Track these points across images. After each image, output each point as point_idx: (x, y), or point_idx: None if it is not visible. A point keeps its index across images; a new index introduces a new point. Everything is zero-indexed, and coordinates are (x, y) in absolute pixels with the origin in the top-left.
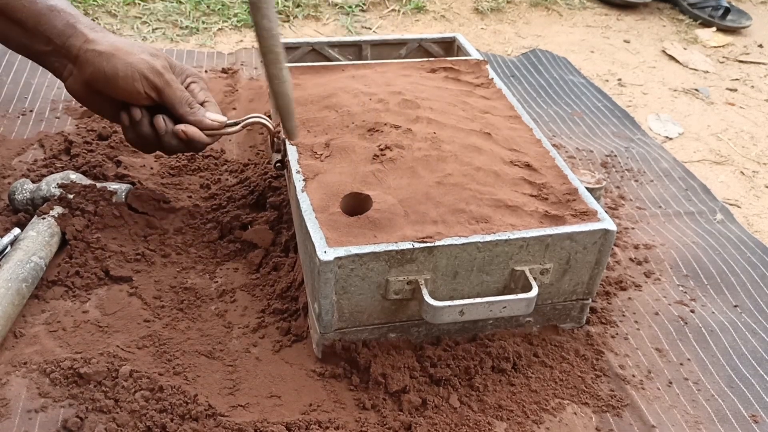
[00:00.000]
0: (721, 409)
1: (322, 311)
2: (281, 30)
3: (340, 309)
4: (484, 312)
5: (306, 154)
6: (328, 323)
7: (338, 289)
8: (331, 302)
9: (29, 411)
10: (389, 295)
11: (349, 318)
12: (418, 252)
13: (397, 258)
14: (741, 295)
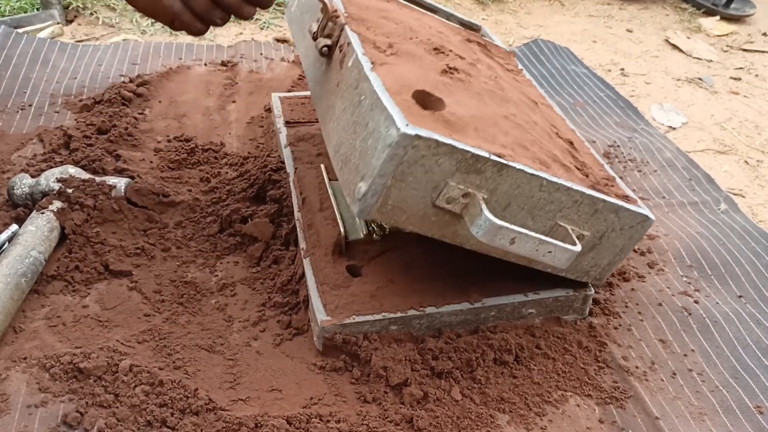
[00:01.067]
0: (725, 400)
1: (369, 191)
2: (281, 22)
3: (386, 196)
4: (531, 249)
5: (369, 45)
6: (368, 207)
7: (398, 173)
8: (384, 184)
9: (29, 406)
10: (440, 201)
11: (389, 212)
12: (490, 165)
13: (468, 162)
14: (745, 285)
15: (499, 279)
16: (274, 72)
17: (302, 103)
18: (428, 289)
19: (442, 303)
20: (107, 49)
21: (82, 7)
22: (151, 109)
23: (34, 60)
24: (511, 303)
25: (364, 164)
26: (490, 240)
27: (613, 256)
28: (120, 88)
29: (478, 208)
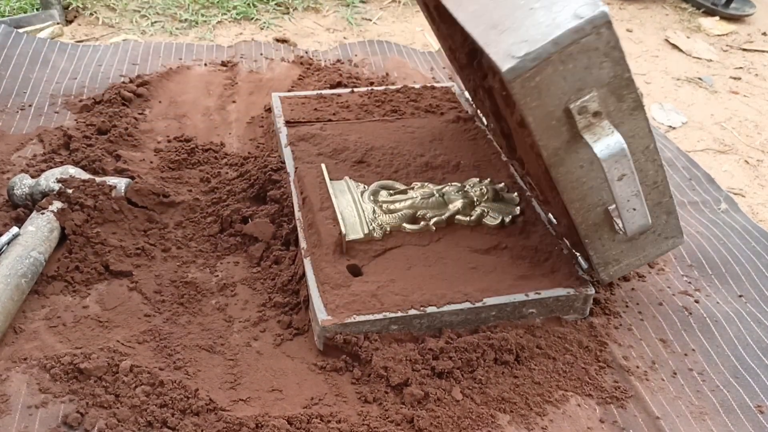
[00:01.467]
0: (726, 400)
1: (533, 54)
2: (281, 22)
3: (541, 69)
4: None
5: None
6: (522, 68)
7: (566, 52)
8: (548, 54)
9: (29, 407)
10: (574, 106)
11: (529, 88)
12: (632, 98)
13: (621, 82)
14: (746, 284)
15: (500, 279)
16: (274, 72)
17: (302, 103)
18: (429, 289)
19: (443, 303)
20: (107, 49)
21: (82, 8)
22: (151, 109)
23: (34, 60)
24: (512, 303)
25: (537, 29)
26: (608, 164)
27: (635, 259)
28: (120, 88)
29: (610, 130)
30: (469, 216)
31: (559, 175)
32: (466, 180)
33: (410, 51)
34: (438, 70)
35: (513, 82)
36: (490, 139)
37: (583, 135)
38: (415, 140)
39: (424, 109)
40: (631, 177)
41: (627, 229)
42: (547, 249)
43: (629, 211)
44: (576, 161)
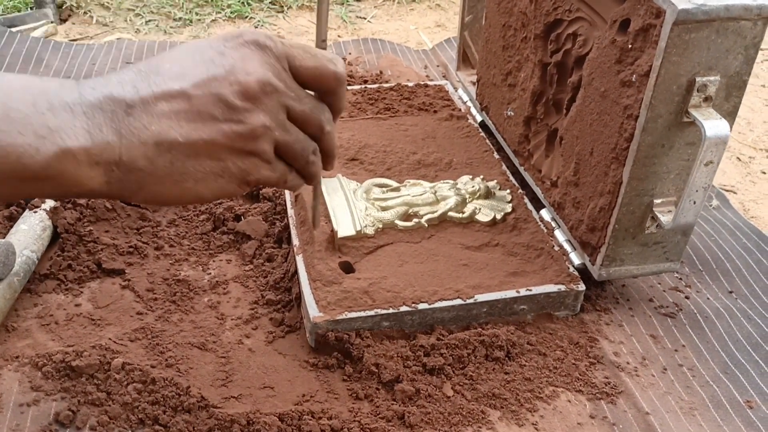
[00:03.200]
0: (716, 395)
1: (697, 9)
2: (275, 21)
3: (696, 29)
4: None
5: None
6: (687, 17)
7: (724, 24)
8: (710, 19)
9: (21, 405)
10: (700, 80)
11: (683, 44)
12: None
13: (736, 76)
14: (736, 281)
15: (491, 275)
16: None
17: None
18: (421, 286)
19: (435, 299)
20: (101, 48)
21: (76, 6)
22: None
23: (27, 59)
24: (503, 299)
25: None
26: (708, 145)
27: (635, 267)
28: None
29: (717, 116)
30: (461, 213)
31: (643, 144)
32: (459, 177)
33: (404, 49)
34: (432, 68)
35: (677, 25)
36: (483, 137)
37: (691, 112)
38: (408, 138)
39: (417, 107)
40: (715, 167)
41: (676, 220)
42: (539, 246)
43: (689, 202)
44: (667, 136)
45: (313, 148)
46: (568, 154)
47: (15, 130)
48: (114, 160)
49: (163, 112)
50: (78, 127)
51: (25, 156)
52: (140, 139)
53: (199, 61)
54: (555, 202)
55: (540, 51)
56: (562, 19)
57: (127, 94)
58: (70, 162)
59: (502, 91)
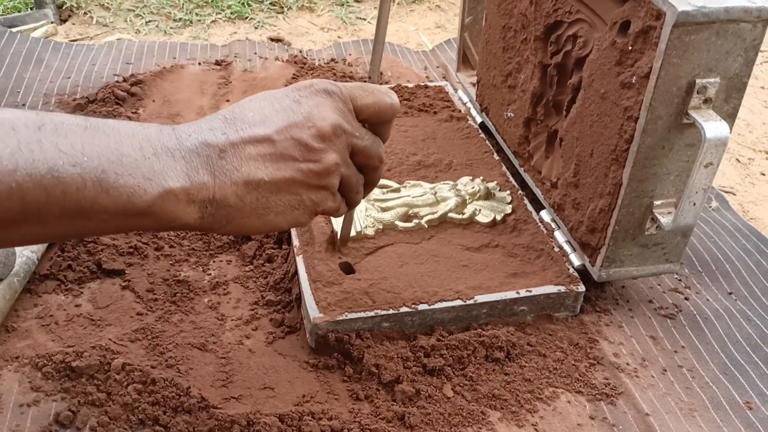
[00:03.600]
0: (715, 396)
1: (696, 12)
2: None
3: (697, 30)
4: (702, 183)
5: None
6: (687, 19)
7: (723, 27)
8: (710, 23)
9: (21, 405)
10: (699, 81)
11: (682, 45)
12: (736, 94)
13: (736, 79)
14: (736, 282)
15: (491, 276)
16: (268, 71)
17: None
18: (421, 287)
19: (435, 300)
20: (101, 48)
21: (76, 7)
22: (145, 108)
23: (27, 59)
24: (503, 300)
25: None
26: (708, 146)
27: (634, 269)
28: (114, 87)
29: (717, 117)
30: (461, 214)
31: (643, 146)
32: (459, 178)
33: (404, 50)
34: (431, 69)
35: (677, 27)
36: (483, 138)
37: (691, 113)
38: (408, 139)
39: (417, 108)
40: (714, 168)
41: (676, 221)
42: (539, 247)
43: (689, 204)
44: (667, 138)
45: (361, 180)
46: (568, 156)
47: (127, 173)
48: (208, 198)
49: (251, 155)
50: (178, 170)
51: (134, 196)
52: (231, 180)
53: (279, 110)
54: (555, 203)
55: (540, 52)
56: (562, 20)
57: (219, 140)
58: (172, 200)
59: (502, 93)
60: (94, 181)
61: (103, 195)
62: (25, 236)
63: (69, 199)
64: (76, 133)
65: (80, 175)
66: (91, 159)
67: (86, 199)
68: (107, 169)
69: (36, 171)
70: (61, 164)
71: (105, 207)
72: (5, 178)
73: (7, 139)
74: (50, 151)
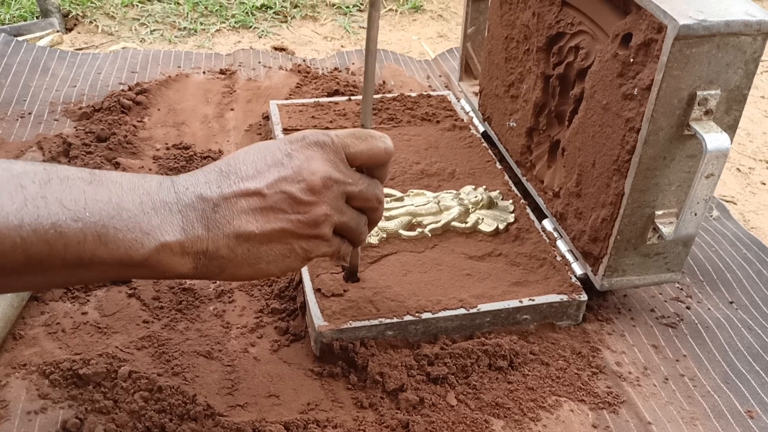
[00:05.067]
0: (717, 405)
1: (698, 27)
2: (279, 31)
3: (697, 43)
4: (704, 194)
5: None
6: (688, 32)
7: (726, 39)
8: (711, 35)
9: (29, 412)
10: (701, 92)
11: (685, 57)
12: (737, 105)
13: (737, 90)
14: (737, 291)
15: (494, 285)
16: (272, 80)
17: (300, 111)
18: (424, 295)
19: (438, 309)
20: (106, 57)
21: (82, 16)
22: (150, 117)
23: (33, 68)
24: (506, 309)
25: (710, 8)
26: (709, 158)
27: (636, 278)
28: (119, 96)
29: (718, 129)
30: (464, 223)
31: (644, 156)
32: (461, 187)
33: (407, 59)
34: (434, 78)
35: (679, 40)
36: (485, 147)
37: (692, 125)
38: (411, 148)
39: (420, 117)
40: (716, 179)
41: (677, 231)
42: (541, 256)
43: (690, 214)
44: (668, 149)
45: (364, 221)
46: (571, 166)
47: (126, 228)
48: (202, 250)
49: (242, 208)
50: (175, 224)
51: (132, 249)
52: (224, 232)
53: (271, 164)
54: (557, 212)
55: (542, 63)
56: (564, 32)
57: (213, 194)
58: (167, 253)
59: (505, 102)
60: (95, 235)
61: (103, 248)
62: (28, 284)
63: (70, 252)
64: (80, 188)
65: (81, 230)
66: (93, 214)
67: (86, 252)
68: (107, 224)
69: (40, 226)
70: (64, 219)
71: (104, 259)
72: (11, 233)
73: (15, 196)
74: (54, 207)
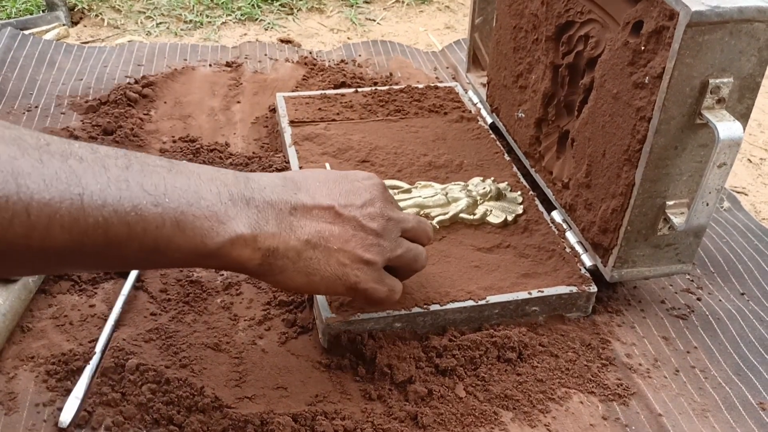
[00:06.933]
0: (728, 397)
1: (711, 13)
2: (285, 23)
3: (710, 30)
4: (715, 184)
5: None
6: (701, 18)
7: (737, 27)
8: (722, 22)
9: (37, 404)
10: (713, 81)
11: (697, 45)
12: (749, 96)
13: (752, 77)
14: (748, 282)
15: (503, 277)
16: (278, 72)
17: (306, 103)
18: (432, 287)
19: (447, 301)
20: (113, 50)
21: (88, 9)
22: (157, 109)
23: (40, 62)
24: (515, 301)
25: None
26: (722, 147)
27: (646, 269)
28: (125, 89)
29: (731, 117)
30: (473, 215)
31: (656, 146)
32: (470, 179)
33: (414, 51)
34: (441, 69)
35: (691, 27)
36: (494, 139)
37: (704, 113)
38: (419, 140)
39: (427, 108)
40: (728, 168)
41: (689, 221)
42: (550, 247)
43: (702, 204)
44: (680, 138)
45: (420, 253)
46: (580, 156)
47: (203, 216)
48: (273, 247)
49: (316, 218)
50: (251, 218)
51: (207, 237)
52: (296, 235)
53: (343, 190)
54: (566, 203)
55: (551, 53)
56: (573, 20)
57: (291, 198)
58: (240, 244)
59: (513, 93)
60: (173, 221)
61: (180, 234)
62: (102, 265)
63: (148, 236)
64: (160, 174)
65: (161, 215)
66: (172, 200)
67: (163, 237)
68: (186, 211)
69: (122, 208)
70: (145, 203)
71: (179, 245)
72: (94, 212)
73: (99, 177)
74: (136, 190)
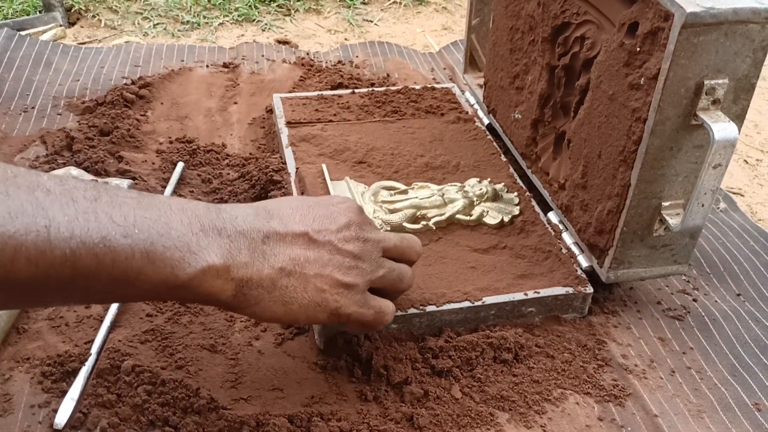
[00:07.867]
0: (724, 398)
1: (705, 14)
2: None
3: (704, 32)
4: (711, 184)
5: None
6: (696, 20)
7: (732, 28)
8: (718, 23)
9: (32, 406)
10: (708, 82)
11: (693, 46)
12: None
13: (747, 79)
14: (744, 283)
15: (499, 278)
16: (275, 73)
17: (303, 104)
18: (429, 288)
19: (443, 302)
20: (109, 51)
21: (84, 10)
22: (153, 110)
23: (36, 62)
24: (511, 302)
25: None
26: (716, 148)
27: (643, 270)
28: (122, 89)
29: (726, 118)
30: (469, 216)
31: (651, 147)
32: (466, 180)
33: (411, 52)
34: (438, 71)
35: (686, 28)
36: (490, 140)
37: (699, 114)
38: (416, 141)
39: (424, 109)
40: (723, 169)
41: (684, 222)
42: (546, 248)
43: (697, 205)
44: (675, 139)
45: (406, 271)
46: (576, 157)
47: (174, 246)
48: (246, 278)
49: (290, 245)
50: (223, 248)
51: (178, 268)
52: (269, 264)
53: (317, 215)
54: (562, 204)
55: (547, 54)
56: (569, 22)
57: (264, 226)
58: (212, 275)
59: (510, 94)
60: (143, 252)
61: (150, 265)
62: (68, 299)
63: (117, 267)
64: (129, 205)
65: (130, 246)
66: (142, 231)
67: (133, 269)
68: (156, 242)
69: (90, 239)
70: (114, 234)
71: (149, 276)
72: (61, 244)
73: (67, 209)
74: (104, 222)
